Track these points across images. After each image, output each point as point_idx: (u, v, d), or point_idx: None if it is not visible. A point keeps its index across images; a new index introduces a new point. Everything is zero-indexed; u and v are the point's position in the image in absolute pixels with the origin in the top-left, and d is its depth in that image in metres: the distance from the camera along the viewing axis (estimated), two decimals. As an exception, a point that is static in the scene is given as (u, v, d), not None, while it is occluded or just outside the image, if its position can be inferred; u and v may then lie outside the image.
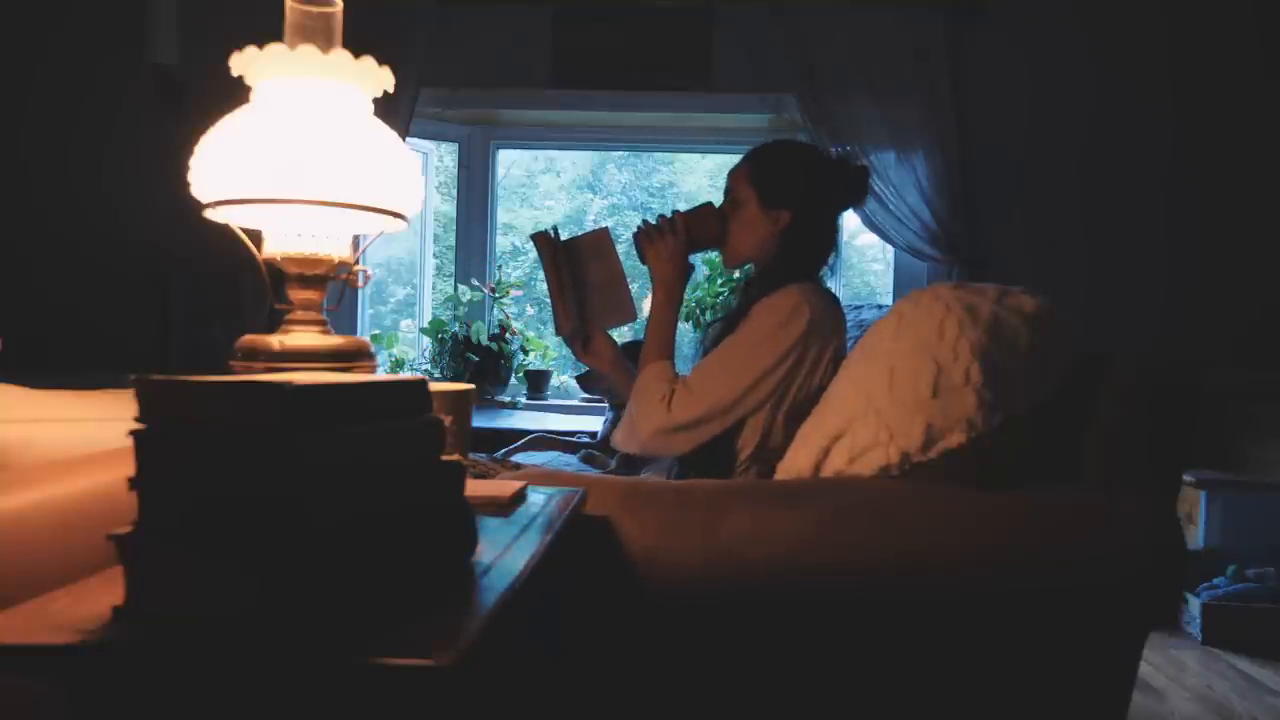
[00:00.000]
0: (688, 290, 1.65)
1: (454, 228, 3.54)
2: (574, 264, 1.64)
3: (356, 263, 1.03)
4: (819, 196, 1.57)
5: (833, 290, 1.59)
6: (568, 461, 1.91)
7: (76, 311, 2.97)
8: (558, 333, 1.69)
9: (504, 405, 3.25)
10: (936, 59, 2.96)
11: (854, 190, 1.63)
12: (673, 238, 1.56)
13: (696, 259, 1.65)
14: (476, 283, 3.37)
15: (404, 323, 4.57)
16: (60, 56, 3.02)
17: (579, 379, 3.35)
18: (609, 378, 1.76)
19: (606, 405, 2.48)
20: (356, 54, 0.92)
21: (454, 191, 3.58)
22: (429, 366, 3.31)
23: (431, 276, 3.74)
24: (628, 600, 1.00)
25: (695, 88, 3.13)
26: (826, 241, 1.60)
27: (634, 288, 1.70)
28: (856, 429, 1.14)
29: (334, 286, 1.03)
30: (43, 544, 0.67)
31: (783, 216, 1.55)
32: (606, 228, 1.71)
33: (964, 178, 2.96)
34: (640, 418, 1.47)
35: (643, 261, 1.60)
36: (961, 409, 1.09)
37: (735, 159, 1.63)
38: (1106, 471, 1.10)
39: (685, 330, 3.42)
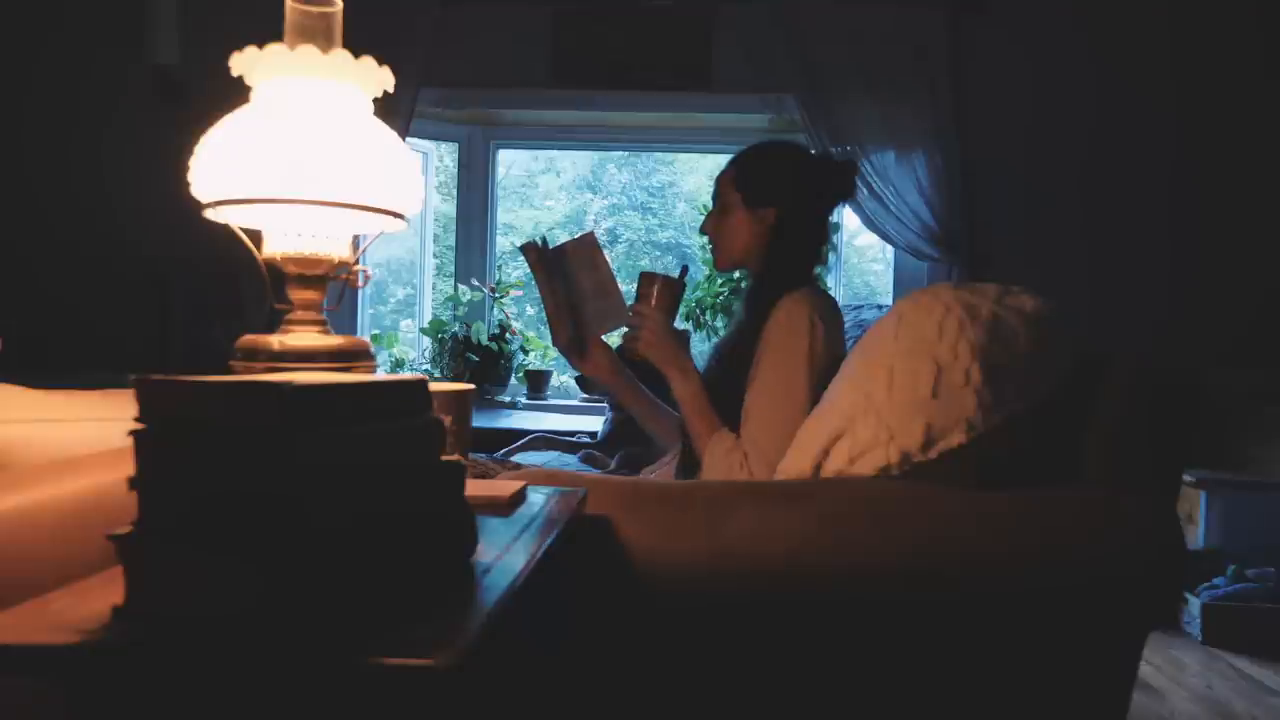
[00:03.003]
0: (688, 291, 1.65)
1: (454, 228, 3.54)
2: (565, 273, 1.63)
3: (356, 263, 1.03)
4: (805, 192, 1.57)
5: (830, 290, 1.59)
6: (567, 462, 1.91)
7: (76, 311, 2.97)
8: (555, 344, 1.68)
9: (504, 405, 3.25)
10: (936, 58, 2.95)
11: (841, 184, 1.62)
12: (652, 323, 1.55)
13: (695, 259, 1.65)
14: (476, 283, 3.37)
15: (404, 323, 4.57)
16: (60, 57, 3.02)
17: (579, 379, 3.35)
18: (609, 386, 1.75)
19: (606, 405, 2.48)
20: (356, 54, 0.92)
21: (454, 191, 3.58)
22: (429, 366, 3.31)
23: (431, 276, 3.74)
24: (629, 600, 1.00)
25: (695, 88, 3.13)
26: (816, 238, 1.59)
27: (625, 289, 1.69)
28: (856, 429, 1.14)
29: (334, 286, 1.02)
30: (43, 544, 0.66)
31: (769, 215, 1.55)
32: (592, 233, 1.70)
33: (964, 178, 2.96)
34: None
35: (634, 360, 1.58)
36: (961, 409, 1.08)
37: (735, 159, 1.62)
38: (1107, 471, 1.10)
39: (686, 330, 3.42)
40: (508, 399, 3.29)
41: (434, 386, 0.79)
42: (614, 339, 1.84)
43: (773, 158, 1.60)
